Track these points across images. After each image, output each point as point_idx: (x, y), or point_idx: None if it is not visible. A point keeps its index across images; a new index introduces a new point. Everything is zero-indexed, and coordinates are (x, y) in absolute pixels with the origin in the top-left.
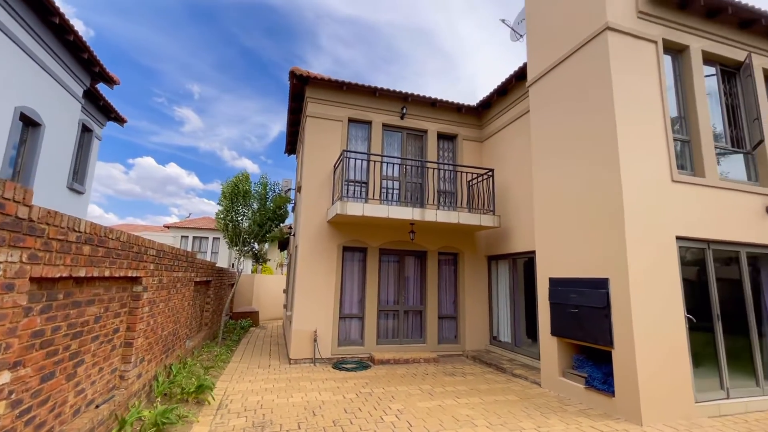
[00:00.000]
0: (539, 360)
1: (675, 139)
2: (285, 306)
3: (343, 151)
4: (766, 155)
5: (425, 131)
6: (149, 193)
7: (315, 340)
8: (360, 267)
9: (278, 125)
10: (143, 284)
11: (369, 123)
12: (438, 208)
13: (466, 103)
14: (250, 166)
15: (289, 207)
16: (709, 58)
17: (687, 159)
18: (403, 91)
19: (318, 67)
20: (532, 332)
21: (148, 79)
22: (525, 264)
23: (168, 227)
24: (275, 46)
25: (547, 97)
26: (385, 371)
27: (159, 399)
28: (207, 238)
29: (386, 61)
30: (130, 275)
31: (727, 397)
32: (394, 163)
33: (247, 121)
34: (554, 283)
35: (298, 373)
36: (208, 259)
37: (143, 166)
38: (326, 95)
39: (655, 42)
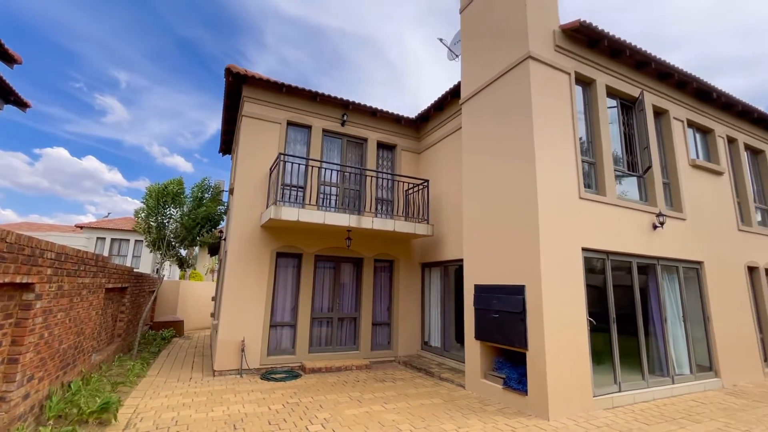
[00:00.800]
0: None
1: (583, 161)
2: (213, 314)
3: (280, 154)
4: (653, 179)
5: (365, 139)
6: (59, 188)
7: (242, 350)
8: (294, 273)
9: (216, 122)
10: (36, 291)
11: (309, 127)
12: (375, 216)
13: (405, 115)
14: (183, 164)
15: (222, 209)
16: (611, 92)
17: (592, 179)
18: (344, 98)
19: (262, 65)
20: (461, 337)
21: (65, 61)
22: (456, 271)
23: (81, 227)
24: (216, 40)
25: (477, 116)
26: (316, 380)
27: (51, 422)
28: (128, 240)
29: (333, 66)
30: (18, 281)
31: (619, 391)
32: (333, 170)
33: (181, 116)
34: (479, 289)
35: (221, 385)
36: (129, 263)
37: (53, 157)
38: (265, 96)
39: (569, 74)
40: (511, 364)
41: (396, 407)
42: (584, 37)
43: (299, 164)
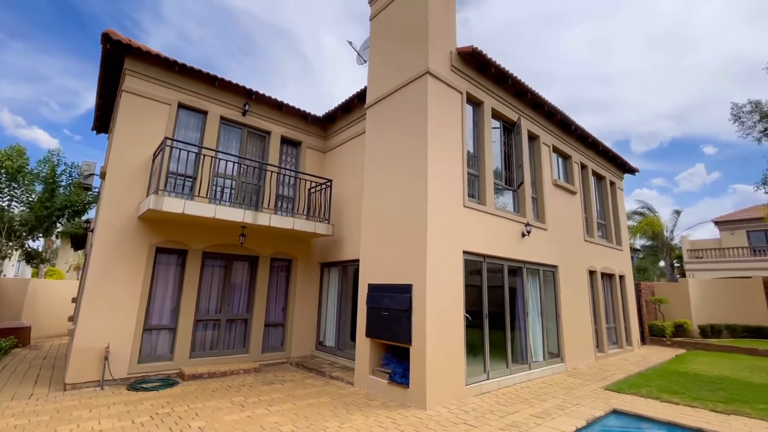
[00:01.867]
0: None
1: (468, 173)
2: (71, 318)
3: (166, 138)
4: (525, 193)
5: (269, 133)
6: None
7: (106, 358)
8: (177, 272)
9: (94, 95)
10: None
11: (205, 113)
12: (275, 213)
13: (312, 113)
14: (47, 140)
15: (91, 196)
16: (496, 115)
17: (476, 189)
18: (247, 87)
19: (158, 38)
20: (355, 336)
21: None
22: (354, 271)
23: None
24: (101, 1)
25: (380, 121)
26: (195, 387)
27: None
28: None
29: (243, 52)
30: None
31: (487, 378)
32: (230, 161)
33: (46, 82)
34: (372, 288)
35: (73, 400)
36: None
37: None
38: (153, 72)
39: (462, 93)
40: (397, 360)
41: (281, 409)
42: (476, 62)
43: (190, 152)
